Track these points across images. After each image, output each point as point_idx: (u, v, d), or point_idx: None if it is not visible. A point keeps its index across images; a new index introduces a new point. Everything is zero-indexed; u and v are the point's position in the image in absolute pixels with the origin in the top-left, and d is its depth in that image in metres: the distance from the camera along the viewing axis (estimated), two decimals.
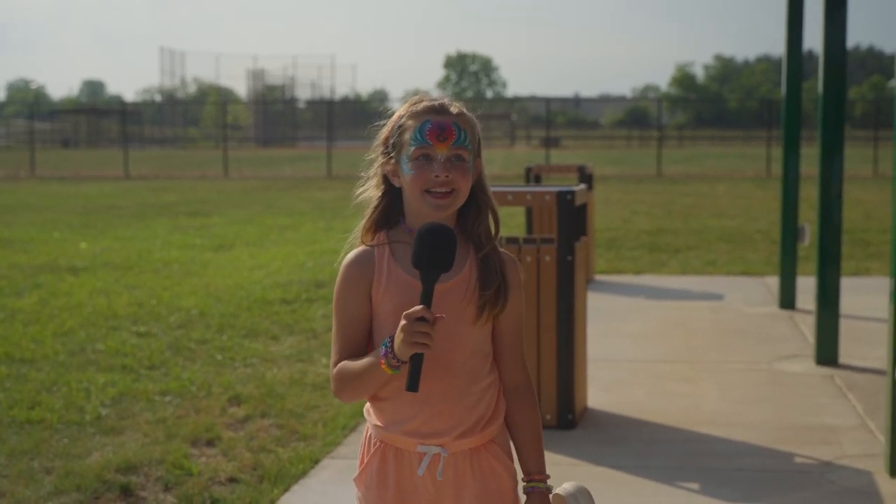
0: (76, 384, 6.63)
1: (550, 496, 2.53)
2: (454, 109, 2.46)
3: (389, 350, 2.29)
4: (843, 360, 7.19)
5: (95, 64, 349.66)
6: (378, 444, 2.49)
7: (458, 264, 2.40)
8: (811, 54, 41.82)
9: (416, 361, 2.26)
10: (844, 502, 4.63)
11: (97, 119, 76.09)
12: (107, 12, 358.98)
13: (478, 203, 2.50)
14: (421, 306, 2.26)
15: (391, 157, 2.47)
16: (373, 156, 2.54)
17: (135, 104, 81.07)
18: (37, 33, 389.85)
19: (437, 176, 2.39)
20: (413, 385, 2.26)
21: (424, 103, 2.46)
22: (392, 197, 2.51)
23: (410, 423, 2.44)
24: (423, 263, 2.29)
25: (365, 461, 2.52)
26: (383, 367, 2.31)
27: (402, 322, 2.25)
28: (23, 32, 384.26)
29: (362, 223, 2.52)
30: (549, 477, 2.55)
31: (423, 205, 2.41)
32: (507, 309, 2.49)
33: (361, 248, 2.50)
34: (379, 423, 2.48)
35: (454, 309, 2.39)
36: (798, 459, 5.20)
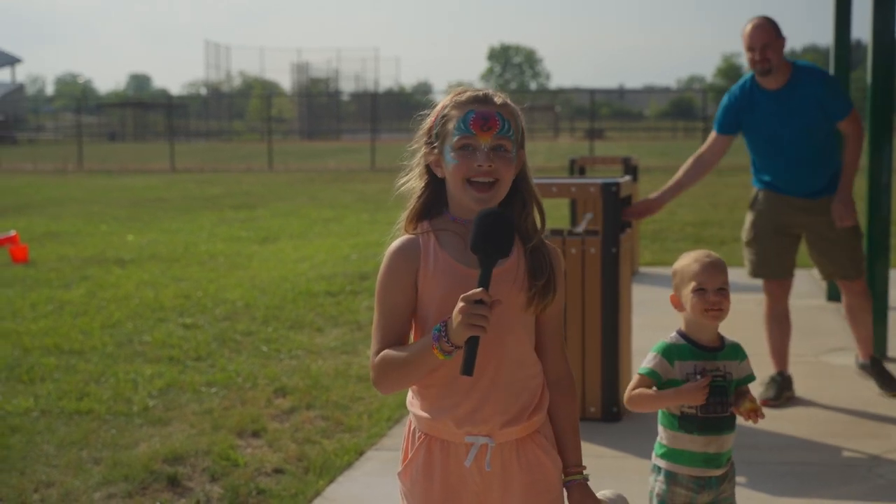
0: (124, 375, 6.69)
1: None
2: (498, 100, 2.46)
3: (443, 335, 2.29)
4: (892, 353, 7.11)
5: (141, 58, 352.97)
6: (422, 437, 2.49)
7: None
8: (859, 44, 41.32)
9: (472, 345, 2.26)
10: (893, 497, 4.58)
11: (143, 112, 76.74)
12: (153, 6, 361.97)
13: (522, 195, 2.51)
14: (479, 289, 2.26)
15: (434, 148, 2.48)
16: (416, 146, 2.54)
17: (180, 98, 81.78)
18: (84, 28, 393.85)
19: (479, 165, 2.39)
20: (469, 369, 2.26)
21: (468, 93, 2.47)
22: (435, 187, 2.51)
23: (457, 410, 2.44)
24: (482, 248, 2.30)
25: (409, 456, 2.52)
26: (436, 352, 2.30)
27: (460, 304, 2.25)
28: (70, 27, 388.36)
29: (405, 213, 2.53)
30: (585, 468, 2.59)
31: (465, 196, 2.42)
32: (554, 301, 2.50)
33: (406, 236, 2.50)
34: (423, 413, 2.48)
35: (504, 296, 2.39)
36: (845, 453, 5.15)
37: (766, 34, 5.90)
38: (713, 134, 6.28)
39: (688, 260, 3.26)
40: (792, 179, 6.07)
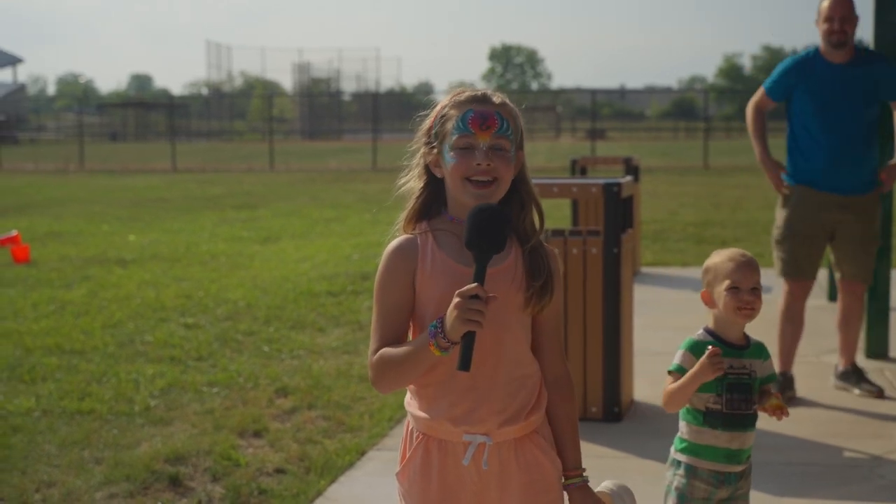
0: (125, 375, 6.70)
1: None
2: (497, 99, 2.48)
3: (439, 331, 2.29)
4: (893, 353, 7.12)
5: (143, 58, 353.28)
6: (420, 437, 2.50)
7: (504, 252, 2.40)
8: (860, 44, 41.25)
9: (468, 340, 2.25)
10: (894, 497, 4.58)
11: (145, 112, 76.72)
12: (153, 6, 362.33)
13: (521, 196, 2.51)
14: (475, 284, 2.26)
15: (433, 148, 2.49)
16: (416, 146, 2.55)
17: (182, 98, 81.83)
18: (85, 28, 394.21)
19: (478, 164, 2.40)
20: (465, 364, 2.25)
21: (467, 93, 2.48)
22: (434, 187, 2.52)
23: (455, 409, 2.44)
24: (477, 243, 2.30)
25: (407, 456, 2.52)
26: (432, 348, 2.30)
27: (456, 300, 2.25)
28: (71, 27, 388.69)
29: (404, 213, 2.54)
30: (584, 470, 2.58)
31: (464, 194, 2.43)
32: (551, 302, 2.50)
33: (404, 236, 2.51)
34: (421, 413, 2.48)
35: (502, 294, 2.39)
36: (847, 453, 5.15)
37: (846, 8, 6.01)
38: (762, 92, 6.28)
39: (722, 258, 3.27)
40: (835, 167, 6.05)
